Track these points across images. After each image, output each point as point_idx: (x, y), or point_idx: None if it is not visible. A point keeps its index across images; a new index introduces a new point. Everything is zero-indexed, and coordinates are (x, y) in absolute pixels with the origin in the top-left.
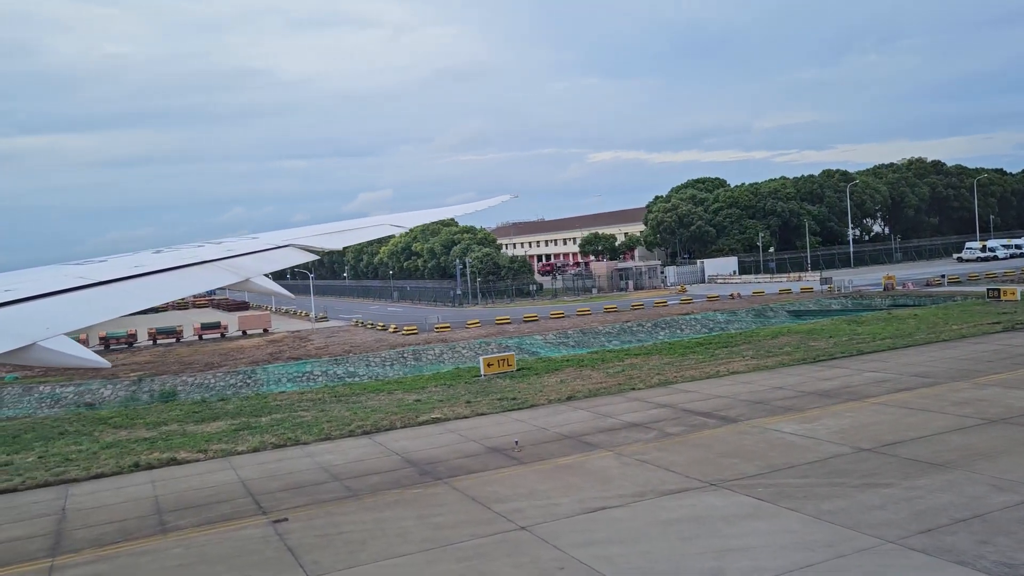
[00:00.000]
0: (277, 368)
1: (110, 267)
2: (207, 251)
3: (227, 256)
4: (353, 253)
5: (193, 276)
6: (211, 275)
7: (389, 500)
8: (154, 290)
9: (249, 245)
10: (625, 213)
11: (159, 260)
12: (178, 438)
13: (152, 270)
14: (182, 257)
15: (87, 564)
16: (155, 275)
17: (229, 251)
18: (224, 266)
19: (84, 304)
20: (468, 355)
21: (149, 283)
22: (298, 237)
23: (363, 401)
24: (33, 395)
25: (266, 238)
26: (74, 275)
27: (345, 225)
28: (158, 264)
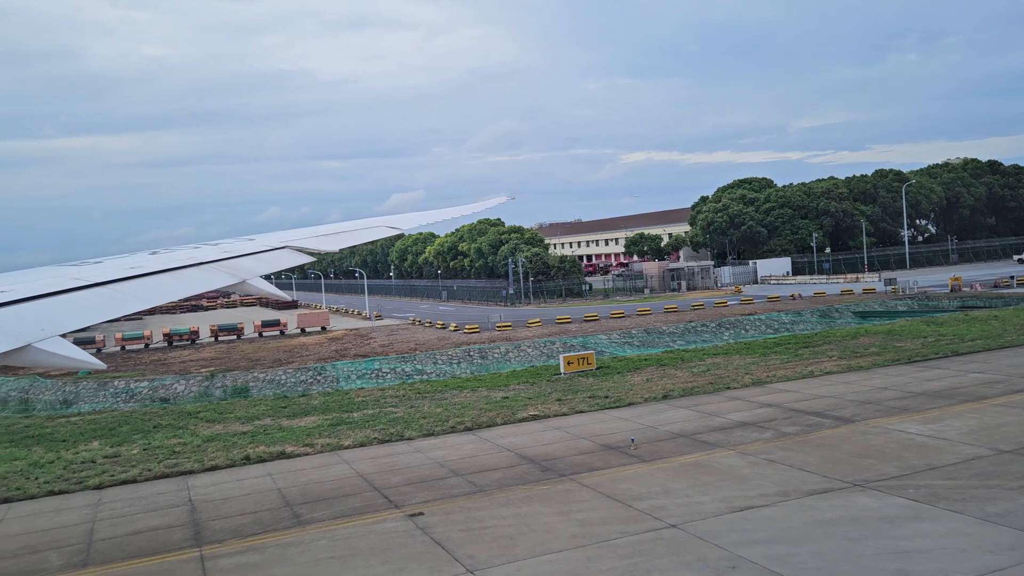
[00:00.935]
0: (346, 365)
1: (106, 269)
2: (203, 252)
3: (224, 258)
4: (397, 253)
5: (189, 277)
6: (207, 276)
7: (520, 496)
8: (150, 291)
9: (246, 247)
10: (668, 214)
11: (155, 262)
12: (276, 432)
13: (148, 271)
14: (178, 259)
15: (237, 554)
16: (151, 276)
17: (226, 252)
18: (220, 267)
19: (80, 305)
20: (534, 354)
21: (145, 285)
22: (294, 239)
23: (449, 398)
24: (108, 390)
25: (263, 240)
26: (70, 276)
27: (341, 227)
28: (154, 266)
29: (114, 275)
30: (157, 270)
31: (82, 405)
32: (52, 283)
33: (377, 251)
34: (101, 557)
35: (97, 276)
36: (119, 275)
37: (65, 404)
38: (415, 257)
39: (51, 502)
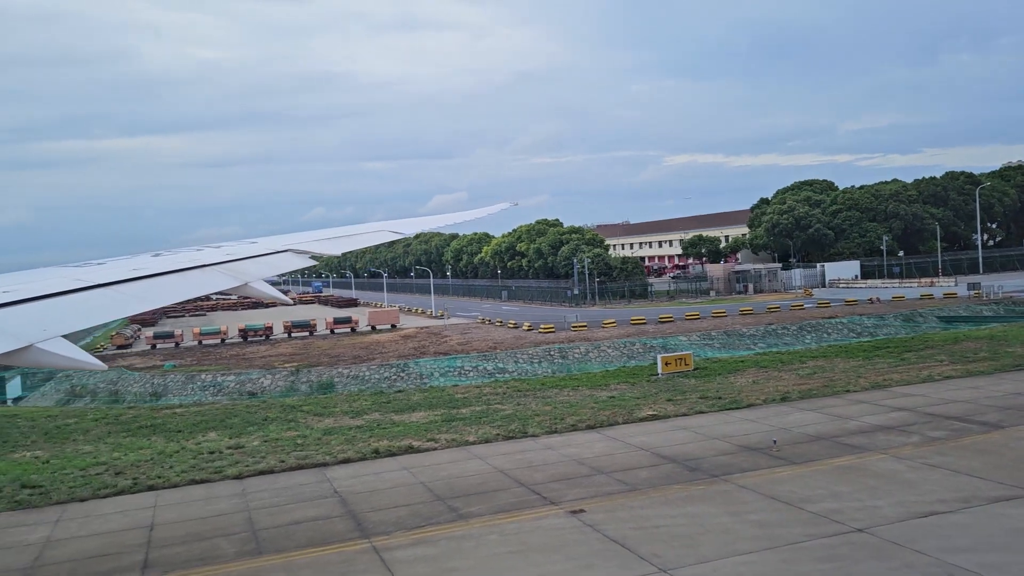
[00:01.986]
0: (428, 362)
1: (109, 270)
2: (207, 255)
3: (227, 260)
4: (453, 253)
5: (192, 280)
6: (210, 279)
7: (678, 495)
8: (153, 293)
9: (249, 250)
10: (723, 216)
11: (158, 263)
12: (391, 427)
13: (151, 273)
14: (181, 261)
15: (410, 546)
16: (154, 278)
17: (229, 255)
18: (223, 270)
19: (82, 306)
20: (614, 355)
21: (148, 286)
22: (297, 242)
23: (552, 396)
24: (196, 383)
25: (266, 243)
26: (73, 277)
27: (345, 231)
28: (157, 267)
29: (117, 276)
30: (160, 272)
31: (171, 398)
32: (55, 284)
33: (432, 251)
34: (273, 546)
35: (100, 277)
36: (122, 276)
37: (155, 396)
38: (470, 257)
39: (196, 490)
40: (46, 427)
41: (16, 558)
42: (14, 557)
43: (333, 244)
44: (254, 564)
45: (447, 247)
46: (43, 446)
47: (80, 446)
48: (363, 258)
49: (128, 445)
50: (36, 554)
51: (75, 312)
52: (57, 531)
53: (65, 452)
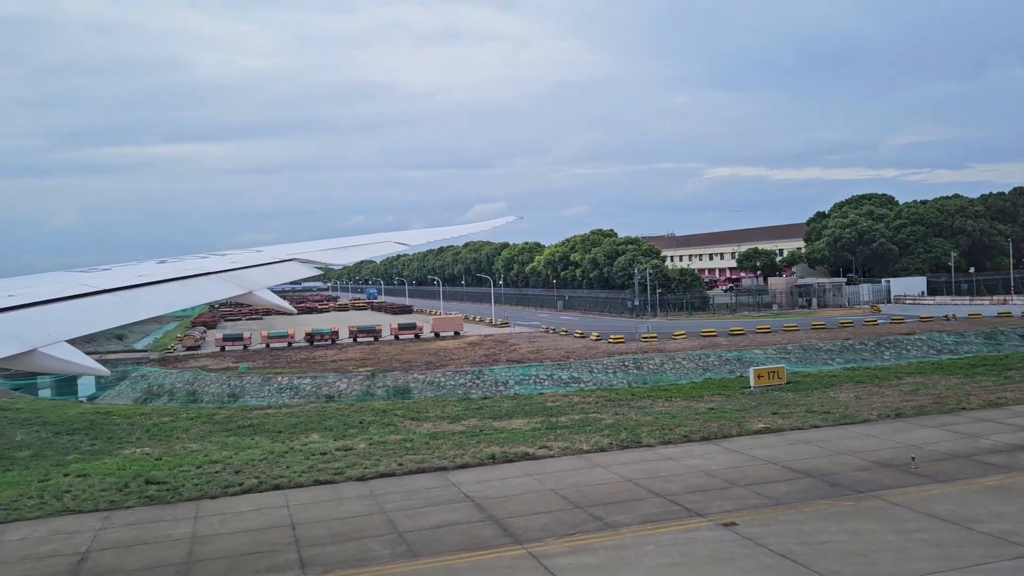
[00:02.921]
0: (503, 370)
1: (114, 276)
2: (212, 263)
3: (232, 268)
4: (504, 262)
5: (197, 287)
6: (215, 286)
7: (829, 511)
8: (157, 300)
9: (254, 258)
10: (776, 229)
11: (163, 270)
12: (494, 433)
13: (156, 280)
14: (186, 268)
15: (569, 554)
16: (159, 285)
17: (234, 263)
18: (228, 278)
19: (87, 311)
20: (689, 366)
21: (152, 293)
22: (302, 252)
23: (647, 407)
24: (272, 385)
25: (270, 252)
26: (78, 282)
27: (349, 241)
28: (162, 274)
29: (122, 282)
30: (165, 279)
31: (248, 399)
32: (60, 288)
33: (482, 259)
34: (425, 549)
35: (105, 283)
36: (127, 283)
37: (232, 397)
38: (522, 266)
39: (322, 491)
40: (145, 425)
41: (167, 553)
42: (165, 551)
43: (338, 254)
44: (413, 567)
45: (498, 256)
46: (149, 443)
47: (186, 444)
48: (410, 266)
49: (234, 444)
50: (187, 549)
51: (80, 317)
52: (200, 527)
53: (174, 450)
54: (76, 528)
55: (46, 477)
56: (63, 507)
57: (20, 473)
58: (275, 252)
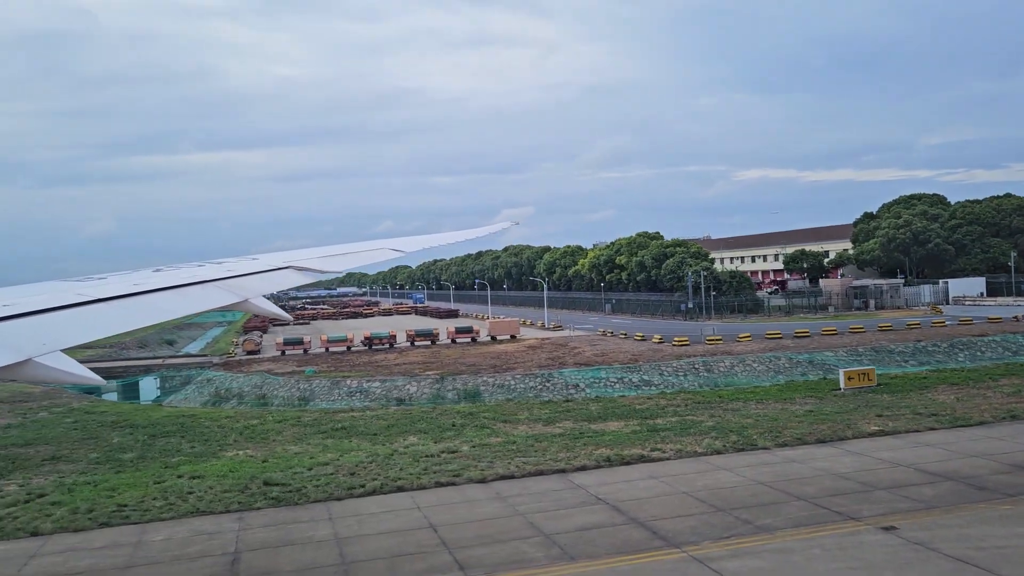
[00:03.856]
0: (572, 373)
1: (110, 285)
2: (207, 271)
3: (227, 276)
4: (546, 265)
5: (193, 295)
6: (211, 295)
7: (987, 514)
8: (153, 309)
9: (249, 266)
10: (821, 230)
11: (159, 279)
12: (595, 435)
13: (151, 289)
14: (182, 276)
15: (732, 558)
16: (154, 294)
17: (229, 271)
18: (224, 286)
19: (83, 321)
20: (760, 369)
21: (148, 301)
22: (298, 259)
23: (741, 409)
24: (342, 388)
25: (266, 259)
26: (74, 292)
27: (345, 248)
28: (158, 283)
29: (117, 291)
30: (160, 287)
31: (319, 402)
32: (55, 298)
33: (523, 263)
34: (579, 552)
35: (100, 292)
36: (122, 291)
37: (302, 401)
38: (564, 270)
39: (447, 492)
40: (236, 427)
41: (317, 554)
42: (314, 552)
43: (334, 261)
44: (575, 569)
45: (539, 259)
46: (248, 446)
47: (285, 446)
48: (448, 270)
49: (334, 447)
50: (336, 550)
51: (75, 326)
52: (339, 529)
53: (275, 452)
54: (214, 529)
55: (161, 479)
56: (192, 508)
57: (133, 475)
58: (271, 260)
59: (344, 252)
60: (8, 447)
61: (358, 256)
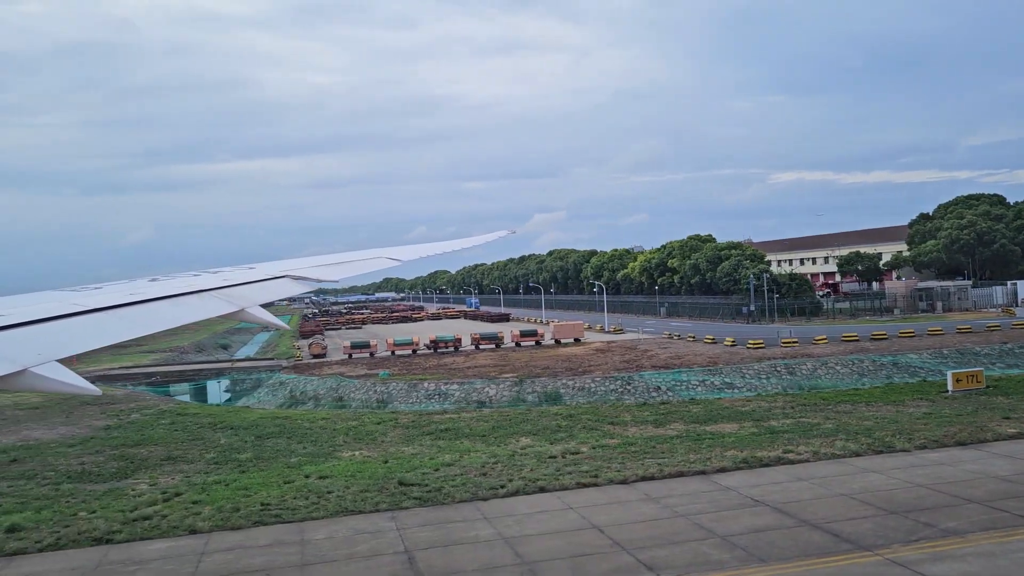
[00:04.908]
0: (652, 375)
1: (105, 294)
2: (203, 280)
3: (223, 286)
4: (593, 269)
5: (188, 305)
6: (206, 304)
7: None
8: (148, 318)
9: (246, 275)
10: (872, 232)
11: (154, 288)
12: (715, 437)
13: (147, 298)
14: (178, 286)
15: (934, 561)
16: (150, 303)
17: (225, 281)
18: (220, 295)
19: (79, 331)
20: (844, 372)
21: (144, 311)
22: (294, 268)
23: (852, 411)
24: (419, 391)
25: (263, 269)
26: (69, 302)
27: (341, 257)
28: (153, 292)
29: (113, 301)
30: (155, 297)
31: (397, 404)
32: (51, 308)
33: (568, 267)
34: (766, 554)
35: (97, 302)
36: (118, 301)
37: (381, 403)
38: (612, 273)
39: (593, 494)
40: (340, 429)
41: (491, 553)
42: (487, 552)
43: (330, 270)
44: (769, 572)
45: (586, 263)
46: (358, 447)
47: (399, 448)
48: (490, 275)
49: (447, 448)
50: (510, 550)
51: (71, 336)
52: (501, 528)
53: (389, 452)
54: (372, 528)
55: (289, 479)
56: (339, 507)
57: (258, 475)
58: (268, 269)
59: (340, 261)
60: (119, 447)
61: (354, 265)
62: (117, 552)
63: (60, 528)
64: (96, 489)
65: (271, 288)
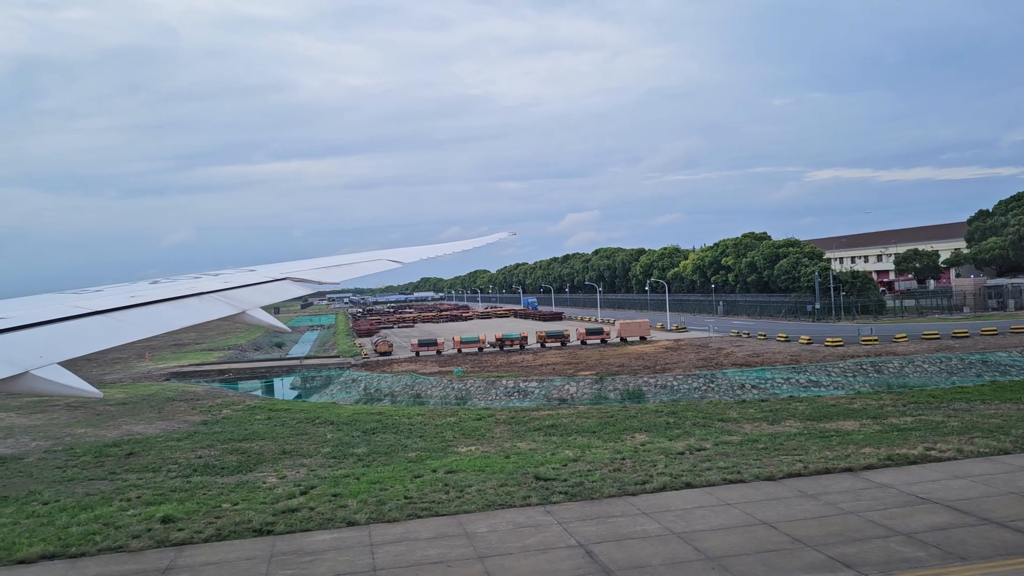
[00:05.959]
0: (734, 373)
1: (106, 297)
2: (204, 283)
3: (224, 288)
4: (642, 268)
5: (189, 307)
6: (207, 306)
7: None
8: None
9: (247, 277)
10: (926, 230)
11: (155, 291)
12: (841, 434)
13: (148, 301)
14: (179, 288)
15: None
16: (151, 306)
17: (226, 283)
18: (221, 298)
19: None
20: (932, 370)
21: (145, 314)
22: (295, 271)
23: (970, 409)
24: (498, 388)
25: (264, 271)
26: (70, 304)
27: (342, 260)
28: (154, 295)
29: (115, 304)
30: (157, 299)
31: (477, 401)
32: (52, 310)
33: (616, 266)
34: (967, 552)
35: (98, 304)
36: (120, 304)
37: (460, 400)
38: (662, 272)
39: (743, 490)
40: (442, 425)
41: (669, 548)
42: (664, 547)
43: (331, 272)
44: (975, 571)
45: (635, 262)
46: (470, 443)
47: (512, 443)
48: (532, 274)
49: (563, 444)
50: (686, 545)
51: (72, 339)
52: (665, 523)
53: (505, 448)
54: (531, 521)
55: (417, 473)
56: (489, 501)
57: (384, 469)
58: (268, 271)
59: (341, 263)
60: (227, 442)
61: (355, 267)
62: (283, 543)
63: (212, 519)
64: (226, 482)
65: (272, 290)
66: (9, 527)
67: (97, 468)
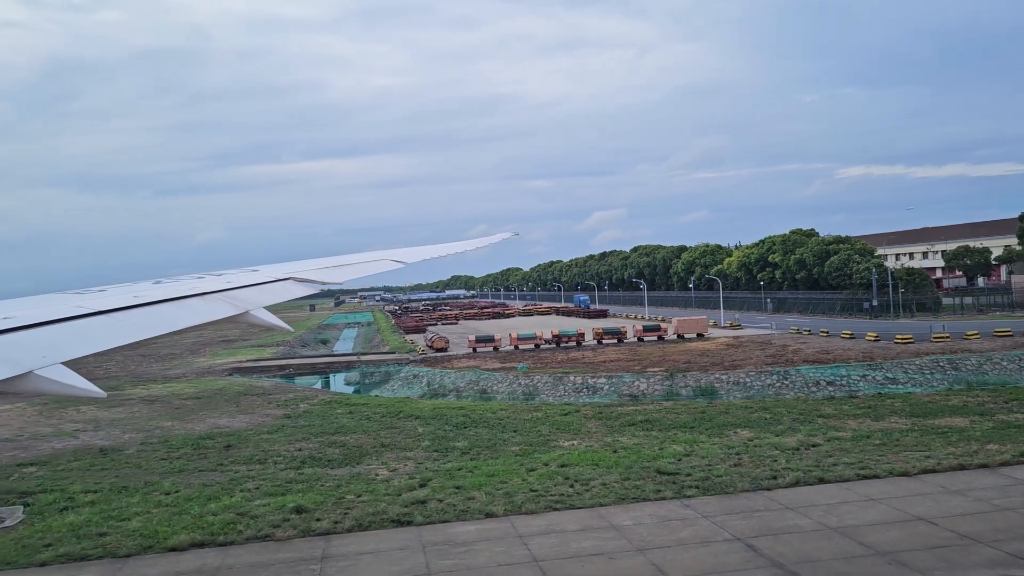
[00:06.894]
0: (809, 370)
1: (109, 297)
2: (207, 283)
3: (227, 288)
4: (684, 265)
5: (192, 307)
6: (210, 307)
7: None
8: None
9: (250, 278)
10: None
11: (158, 291)
12: (950, 432)
13: (151, 301)
14: (182, 288)
15: None
16: (154, 306)
17: (229, 283)
18: (224, 298)
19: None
20: (1012, 368)
21: (148, 314)
22: (298, 271)
23: None
24: (566, 384)
25: (267, 271)
26: (73, 304)
27: (346, 260)
28: (157, 295)
29: (118, 304)
30: (160, 299)
31: (545, 397)
32: (55, 310)
33: (656, 263)
34: None
35: (101, 304)
36: (123, 304)
37: (527, 396)
38: (704, 269)
39: (880, 485)
40: (532, 419)
41: (834, 543)
42: (828, 542)
43: (334, 272)
44: None
45: (676, 259)
46: (569, 437)
47: (613, 437)
48: (568, 272)
49: (665, 438)
50: (850, 540)
51: (76, 339)
52: (816, 518)
53: (606, 442)
54: (673, 515)
55: (531, 467)
56: (620, 495)
57: (493, 463)
58: (271, 271)
59: (343, 263)
60: (321, 435)
61: (358, 267)
62: (429, 533)
63: (345, 510)
64: (339, 474)
65: (275, 290)
66: (143, 516)
67: (201, 460)
